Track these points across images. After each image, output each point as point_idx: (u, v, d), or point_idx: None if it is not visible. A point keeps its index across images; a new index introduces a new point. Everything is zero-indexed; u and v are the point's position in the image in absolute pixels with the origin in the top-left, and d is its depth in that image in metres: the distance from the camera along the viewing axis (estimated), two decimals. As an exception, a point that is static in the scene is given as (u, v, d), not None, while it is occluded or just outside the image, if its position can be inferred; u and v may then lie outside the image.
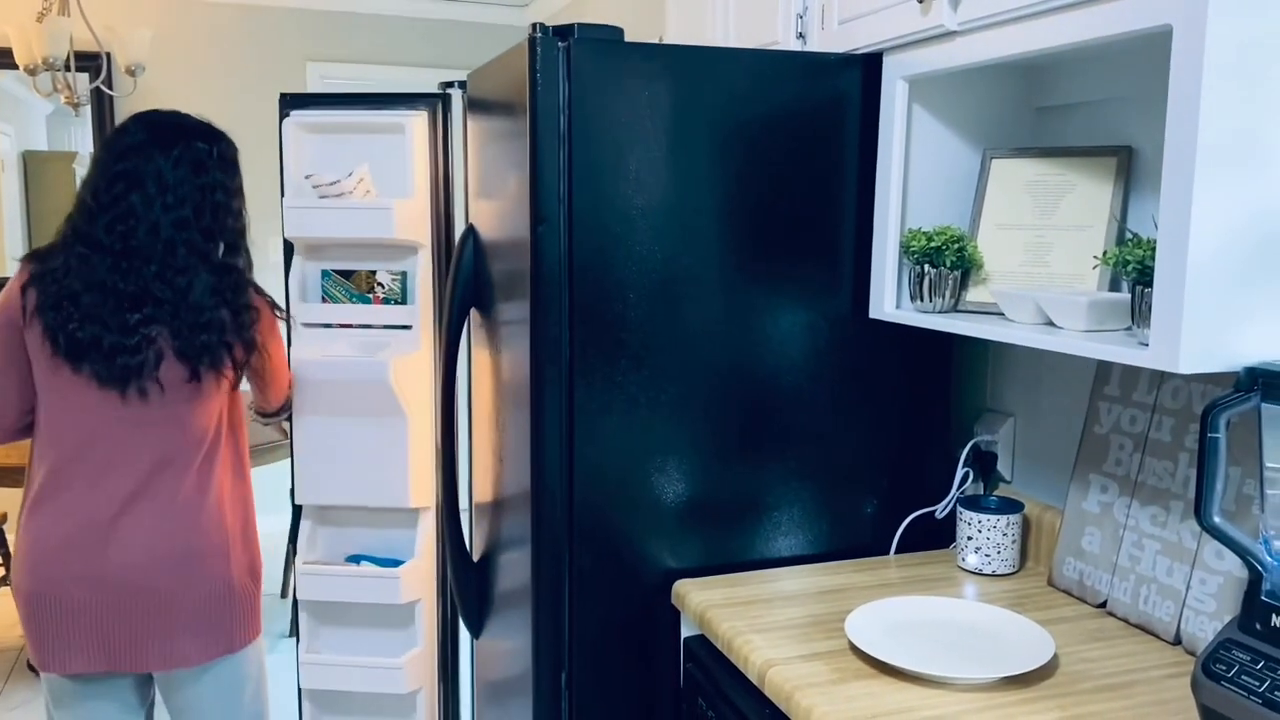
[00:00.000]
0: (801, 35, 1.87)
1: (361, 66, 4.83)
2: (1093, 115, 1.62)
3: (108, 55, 4.08)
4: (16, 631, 3.76)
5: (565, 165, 1.57)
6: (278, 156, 4.72)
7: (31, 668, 3.44)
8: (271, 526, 4.80)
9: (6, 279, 4.47)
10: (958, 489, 1.83)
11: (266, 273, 4.77)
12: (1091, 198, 1.53)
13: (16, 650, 3.60)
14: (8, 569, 3.74)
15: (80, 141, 4.55)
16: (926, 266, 1.59)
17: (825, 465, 1.77)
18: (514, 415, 1.76)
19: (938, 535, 1.85)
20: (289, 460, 2.32)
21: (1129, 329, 1.35)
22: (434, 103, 2.24)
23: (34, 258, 1.78)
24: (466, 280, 2.00)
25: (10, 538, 4.36)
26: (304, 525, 2.34)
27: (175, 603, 1.78)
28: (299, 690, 2.36)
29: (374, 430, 2.22)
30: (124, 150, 1.78)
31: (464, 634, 2.47)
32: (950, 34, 1.49)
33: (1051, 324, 1.43)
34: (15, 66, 3.54)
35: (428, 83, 4.87)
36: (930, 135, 1.67)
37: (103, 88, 3.99)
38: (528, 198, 1.59)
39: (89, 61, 3.95)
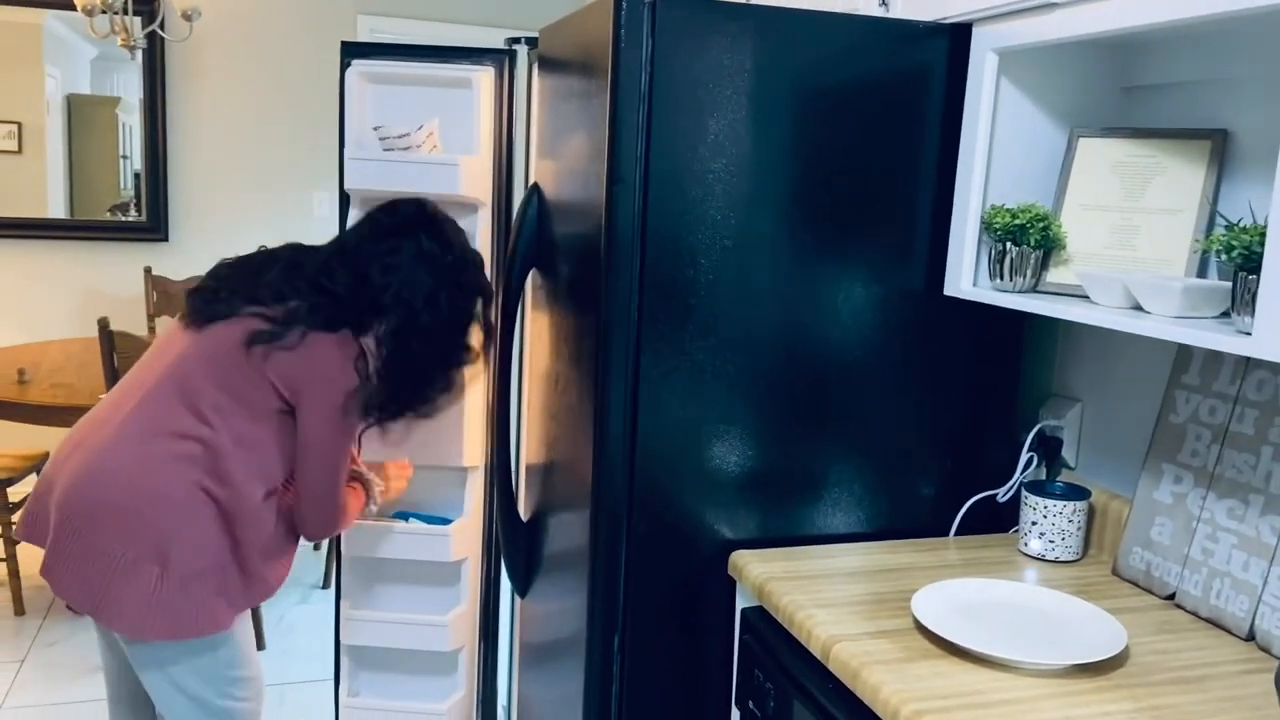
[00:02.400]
0: (884, 2, 1.82)
1: (411, 21, 4.79)
2: (1185, 97, 1.58)
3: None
4: (55, 570, 3.81)
5: (644, 125, 1.54)
6: (324, 107, 4.71)
7: (69, 606, 3.48)
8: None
9: (46, 220, 4.50)
10: (1021, 473, 1.80)
11: (310, 226, 4.79)
12: (1182, 181, 1.49)
13: (55, 588, 3.65)
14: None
15: (123, 87, 4.55)
16: (1009, 245, 1.56)
17: (887, 443, 1.75)
18: (575, 378, 1.74)
19: (996, 519, 1.83)
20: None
21: (1225, 316, 1.32)
22: (500, 58, 2.21)
23: None
24: (529, 239, 1.98)
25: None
26: (351, 479, 2.34)
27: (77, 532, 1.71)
28: (336, 644, 2.37)
29: (429, 387, 2.21)
30: None
31: (504, 595, 2.47)
32: (1050, 5, 1.44)
33: (1139, 308, 1.39)
34: (72, 8, 3.53)
35: (479, 40, 4.83)
36: (1016, 111, 1.63)
37: (159, 31, 3.98)
38: (602, 157, 1.57)
39: (145, 5, 3.94)
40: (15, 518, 3.97)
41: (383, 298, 1.84)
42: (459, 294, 1.94)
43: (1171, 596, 1.52)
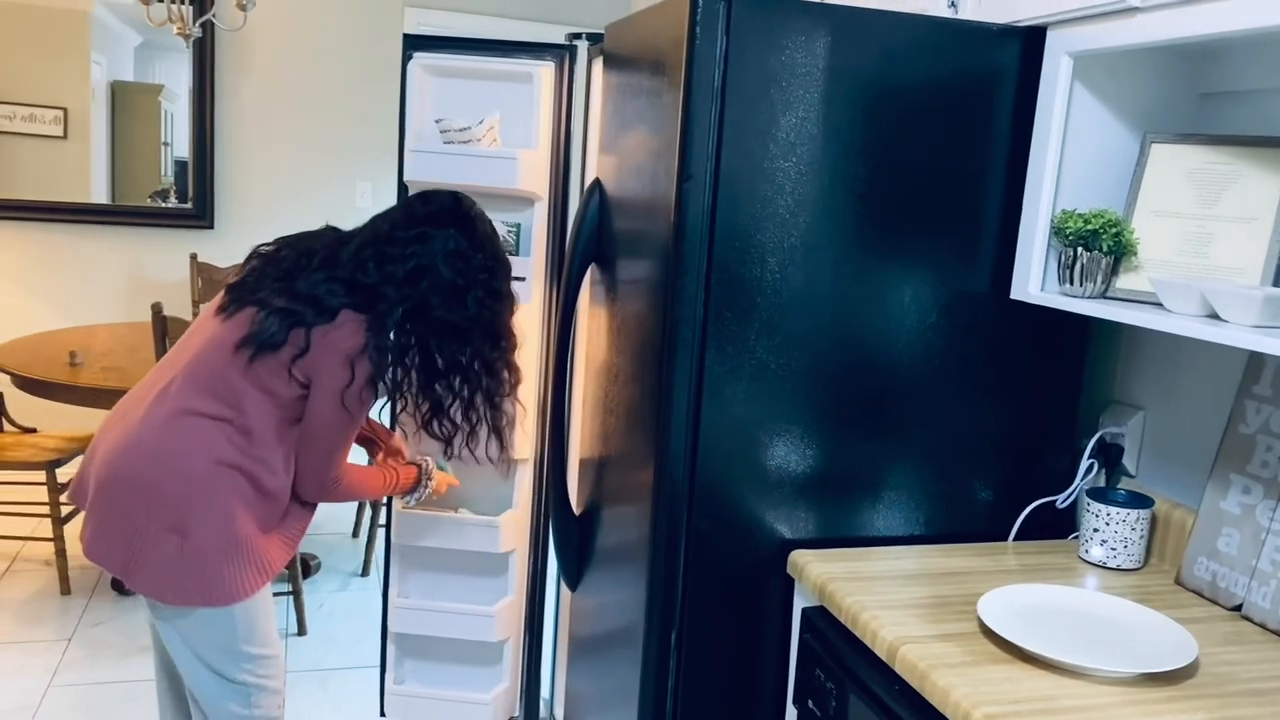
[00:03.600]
0: (953, 4, 1.82)
1: (457, 14, 4.81)
2: (1263, 104, 1.56)
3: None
4: (99, 551, 3.86)
5: (716, 122, 1.55)
6: (370, 98, 4.74)
7: (114, 586, 3.53)
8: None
9: (94, 206, 4.55)
10: (1081, 480, 1.79)
11: (354, 216, 4.81)
12: (1259, 189, 1.48)
13: (98, 569, 3.70)
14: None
15: (166, 74, 4.60)
16: (1080, 250, 1.55)
17: (948, 446, 1.74)
18: (636, 373, 1.75)
19: (1055, 525, 1.82)
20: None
21: (1306, 327, 1.30)
22: (561, 54, 2.22)
23: None
24: (590, 234, 1.99)
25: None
26: (401, 468, 2.36)
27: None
28: (383, 632, 2.39)
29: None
30: None
31: (550, 587, 2.48)
32: (1130, 10, 1.43)
33: (1214, 316, 1.38)
34: (127, -4, 3.57)
35: (523, 33, 4.85)
36: (1089, 116, 1.62)
37: (213, 20, 4.02)
38: (672, 153, 1.57)
39: (198, -5, 3.98)
40: (64, 498, 4.03)
41: (401, 287, 1.85)
42: (490, 297, 1.93)
43: (1238, 608, 1.51)
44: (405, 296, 1.85)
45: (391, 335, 1.84)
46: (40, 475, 3.59)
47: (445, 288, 1.87)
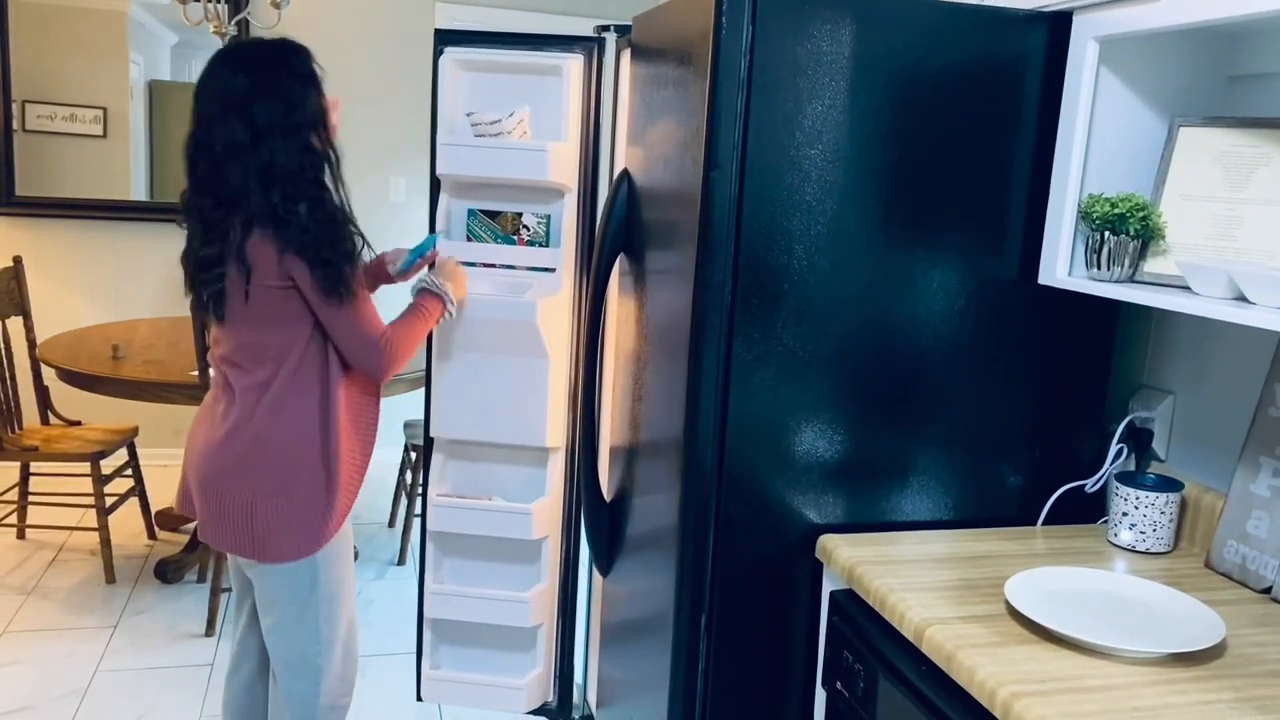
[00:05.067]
0: (980, -10, 1.82)
1: (487, 9, 4.85)
2: (1293, 86, 1.56)
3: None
4: (142, 540, 3.95)
5: (742, 111, 1.56)
6: (402, 94, 4.79)
7: (157, 574, 3.61)
8: (381, 458, 4.94)
9: (134, 204, 4.64)
10: (1110, 464, 1.80)
11: (387, 210, 4.88)
12: (1289, 172, 1.47)
13: (142, 558, 3.78)
14: (137, 480, 3.92)
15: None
16: (1107, 234, 1.55)
17: (976, 431, 1.75)
18: (665, 361, 1.77)
19: (1083, 510, 1.82)
20: (399, 396, 2.37)
21: (1334, 308, 1.30)
22: (590, 46, 2.24)
23: None
24: (619, 224, 2.01)
25: (141, 451, 4.56)
26: (435, 458, 2.40)
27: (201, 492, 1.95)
28: (420, 618, 2.44)
29: (515, 369, 2.26)
30: None
31: (583, 573, 2.51)
32: (1157, -7, 1.43)
33: (1242, 299, 1.38)
34: (165, -4, 3.63)
35: (554, 26, 4.87)
36: (1116, 100, 1.62)
37: (248, 18, 4.08)
38: (699, 143, 1.59)
39: (234, -7, 4.05)
40: (108, 489, 4.13)
41: (252, 180, 1.84)
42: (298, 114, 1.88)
43: (1268, 590, 1.51)
44: (261, 183, 1.84)
45: (284, 214, 1.85)
46: (85, 467, 3.66)
47: (280, 149, 1.85)
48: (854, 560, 1.57)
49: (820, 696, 1.70)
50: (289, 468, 1.90)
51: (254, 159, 1.83)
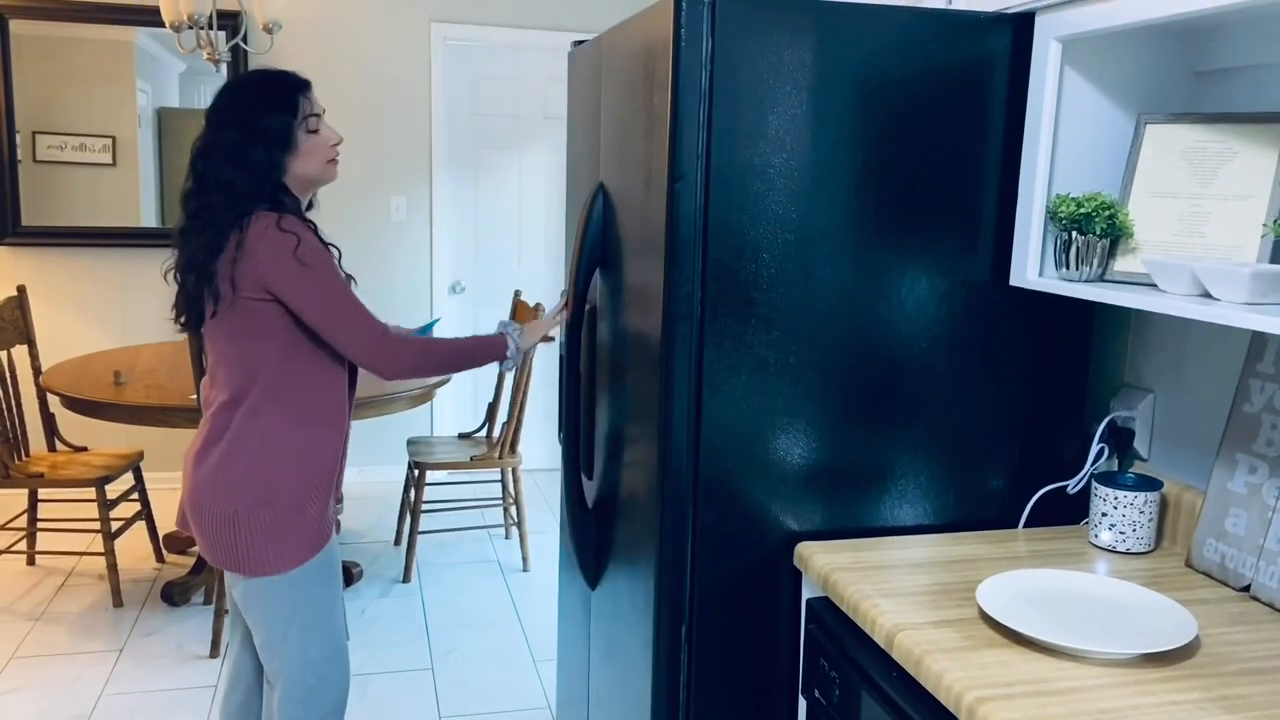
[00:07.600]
0: (946, -6, 1.82)
1: (483, 28, 4.88)
2: (1258, 80, 1.55)
3: (245, 14, 4.21)
4: (150, 563, 3.97)
5: (705, 121, 1.57)
6: (399, 115, 4.82)
7: (164, 597, 3.63)
8: (385, 476, 4.96)
9: (142, 230, 4.68)
10: (1092, 464, 1.78)
11: (389, 231, 4.92)
12: (1255, 167, 1.46)
13: (149, 581, 3.81)
14: (143, 504, 3.94)
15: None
16: (1074, 234, 1.55)
17: (954, 435, 1.74)
18: (639, 371, 1.77)
19: (1066, 511, 1.81)
20: (402, 414, 2.38)
21: (1296, 302, 1.29)
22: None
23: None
24: (595, 239, 2.02)
25: (148, 475, 4.59)
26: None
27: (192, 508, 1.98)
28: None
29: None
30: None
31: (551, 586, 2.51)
32: (1112, -9, 1.43)
33: (1208, 295, 1.37)
34: (160, 24, 3.68)
35: (548, 43, 4.90)
36: (1081, 99, 1.62)
37: (241, 44, 4.12)
38: (663, 155, 1.60)
39: (228, 20, 4.09)
40: (115, 513, 4.16)
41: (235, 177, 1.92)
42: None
43: (1247, 588, 1.50)
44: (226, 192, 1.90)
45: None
46: (91, 492, 3.70)
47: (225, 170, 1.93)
48: (829, 567, 1.57)
49: (802, 705, 1.69)
50: (270, 479, 1.92)
51: (220, 171, 1.92)
